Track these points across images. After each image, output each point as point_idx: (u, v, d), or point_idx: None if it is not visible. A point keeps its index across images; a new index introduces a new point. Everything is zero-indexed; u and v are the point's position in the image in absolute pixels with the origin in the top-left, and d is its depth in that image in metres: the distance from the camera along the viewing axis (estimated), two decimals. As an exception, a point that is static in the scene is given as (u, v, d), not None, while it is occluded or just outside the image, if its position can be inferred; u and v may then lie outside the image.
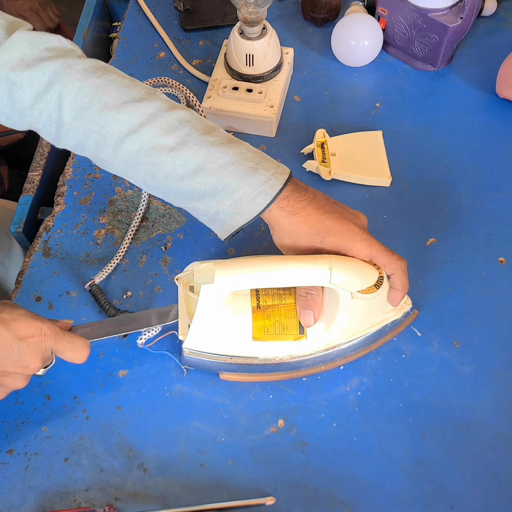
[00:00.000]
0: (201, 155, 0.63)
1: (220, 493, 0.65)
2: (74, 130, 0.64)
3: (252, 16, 0.85)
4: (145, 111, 0.63)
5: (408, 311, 0.72)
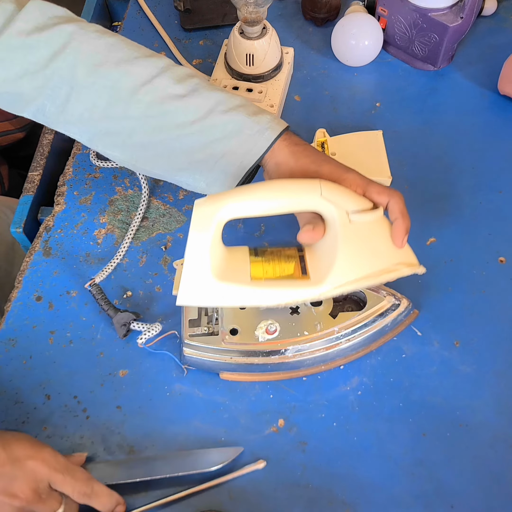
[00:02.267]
0: (212, 100, 0.67)
1: (220, 493, 0.65)
2: (88, 88, 0.66)
3: (252, 15, 0.85)
4: (156, 65, 0.67)
5: (409, 308, 0.72)
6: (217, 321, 0.70)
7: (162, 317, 0.76)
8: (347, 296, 0.73)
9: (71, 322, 0.76)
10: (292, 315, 0.70)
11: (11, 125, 1.07)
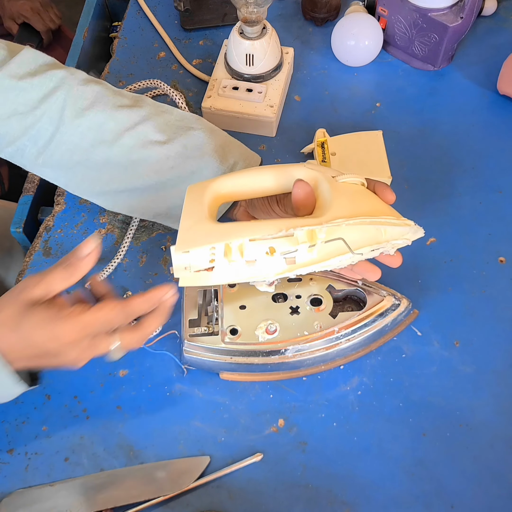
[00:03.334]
0: (188, 144, 0.71)
1: (220, 492, 0.65)
2: (73, 130, 0.70)
3: (252, 15, 0.85)
4: (139, 114, 0.71)
5: (409, 307, 0.72)
6: (217, 321, 0.70)
7: (162, 317, 0.76)
8: (347, 296, 0.73)
9: (71, 322, 0.76)
10: (292, 315, 0.70)
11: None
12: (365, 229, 0.63)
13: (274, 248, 0.62)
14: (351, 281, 0.72)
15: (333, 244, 0.63)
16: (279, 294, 0.71)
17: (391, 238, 0.64)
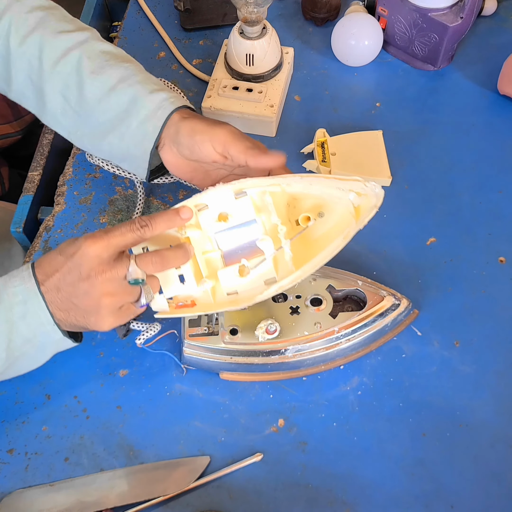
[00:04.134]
0: (115, 77, 0.71)
1: (220, 492, 0.65)
2: (20, 58, 0.73)
3: (252, 15, 0.85)
4: (76, 39, 0.73)
5: (409, 307, 0.72)
6: (217, 321, 0.70)
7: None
8: (347, 296, 0.73)
9: (71, 322, 0.76)
10: (292, 315, 0.70)
11: (11, 127, 1.08)
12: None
13: (244, 267, 0.66)
14: (351, 281, 0.72)
15: (304, 244, 0.65)
16: (279, 294, 0.71)
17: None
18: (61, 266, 0.60)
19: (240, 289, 0.67)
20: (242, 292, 0.67)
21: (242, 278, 0.66)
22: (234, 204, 0.66)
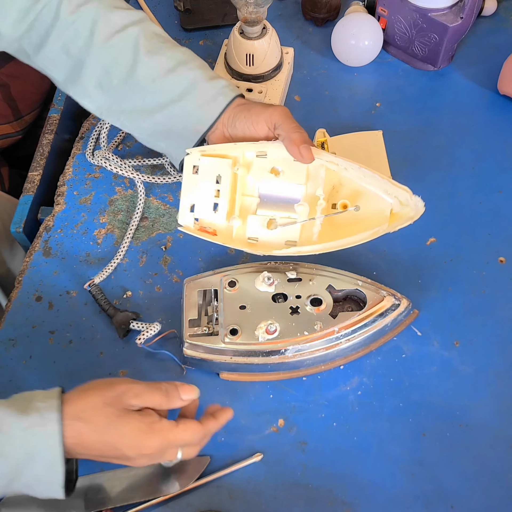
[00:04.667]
0: (174, 60, 0.72)
1: (220, 493, 0.65)
2: (68, 26, 0.71)
3: (252, 15, 0.85)
4: (133, 17, 0.73)
5: (409, 308, 0.72)
6: (217, 321, 0.70)
7: (162, 317, 0.76)
8: (347, 296, 0.73)
9: (71, 322, 0.76)
10: (292, 315, 0.70)
11: (11, 128, 1.08)
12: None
13: (274, 220, 0.71)
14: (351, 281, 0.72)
15: (334, 225, 0.70)
16: (279, 294, 0.71)
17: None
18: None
19: (261, 237, 0.72)
20: (262, 241, 0.72)
21: (267, 229, 0.71)
22: (290, 164, 0.70)
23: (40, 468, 0.55)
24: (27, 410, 0.54)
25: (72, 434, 0.55)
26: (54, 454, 0.54)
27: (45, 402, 0.55)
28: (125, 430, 0.56)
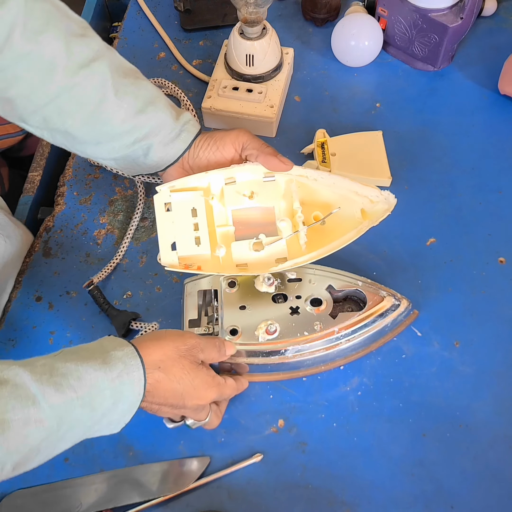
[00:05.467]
0: (143, 97, 0.68)
1: (220, 493, 0.65)
2: (22, 56, 0.60)
3: (252, 16, 0.85)
4: (97, 46, 0.66)
5: (409, 308, 0.72)
6: (217, 321, 0.70)
7: (162, 317, 0.76)
8: (347, 297, 0.73)
9: (71, 323, 0.76)
10: (292, 315, 0.70)
11: (11, 128, 1.07)
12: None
13: (259, 242, 0.70)
14: (351, 281, 0.72)
15: (319, 233, 0.71)
16: (279, 294, 0.71)
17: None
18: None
19: (250, 261, 0.71)
20: (252, 265, 0.71)
21: (254, 252, 0.71)
22: (260, 185, 0.72)
23: (117, 413, 0.57)
24: (108, 361, 0.56)
25: (151, 381, 0.58)
26: (135, 400, 0.57)
27: (122, 350, 0.57)
28: (196, 382, 0.61)
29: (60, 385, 0.52)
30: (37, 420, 0.50)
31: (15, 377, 0.51)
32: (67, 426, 0.53)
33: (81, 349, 0.57)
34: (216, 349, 0.64)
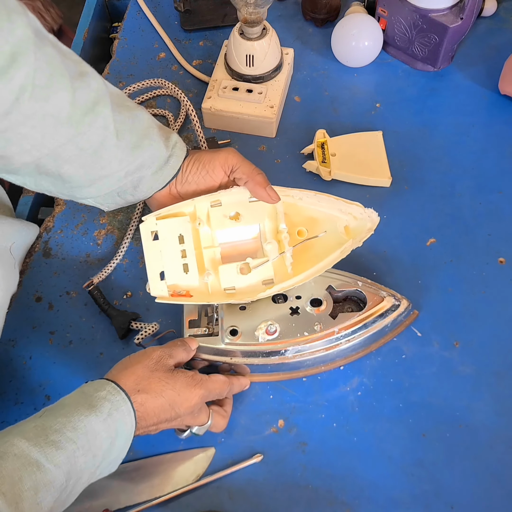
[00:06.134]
0: (137, 131, 0.66)
1: (220, 493, 0.65)
2: (30, 119, 0.55)
3: (252, 16, 0.85)
4: (97, 85, 0.60)
5: (409, 308, 0.72)
6: (217, 322, 0.70)
7: (162, 318, 0.76)
8: (347, 297, 0.73)
9: (71, 323, 0.76)
10: (292, 315, 0.70)
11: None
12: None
13: (246, 265, 0.71)
14: (351, 281, 0.72)
15: (304, 253, 0.72)
16: (279, 295, 0.71)
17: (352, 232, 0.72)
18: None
19: (238, 285, 0.71)
20: (240, 289, 0.71)
21: (242, 275, 0.71)
22: (246, 206, 0.72)
23: (115, 451, 0.57)
24: (94, 403, 0.56)
25: (136, 407, 0.59)
26: (129, 433, 0.58)
27: (104, 389, 0.58)
28: (178, 387, 0.61)
29: (59, 442, 0.52)
30: (46, 483, 0.51)
31: (12, 448, 0.51)
32: (74, 478, 0.53)
33: (65, 402, 0.57)
34: (181, 349, 0.65)
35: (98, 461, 0.55)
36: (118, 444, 0.57)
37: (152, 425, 0.61)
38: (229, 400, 0.69)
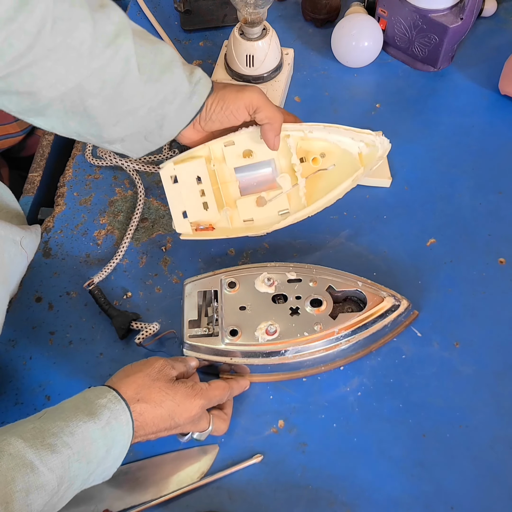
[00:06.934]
0: (159, 64, 0.67)
1: (220, 494, 0.65)
2: (53, 52, 0.57)
3: (252, 16, 0.85)
4: (112, 20, 0.61)
5: (409, 308, 0.72)
6: (217, 322, 0.70)
7: (162, 318, 0.76)
8: (347, 297, 0.73)
9: (71, 323, 0.76)
10: (292, 316, 0.70)
11: (11, 128, 1.08)
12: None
13: (262, 198, 0.77)
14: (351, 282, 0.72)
15: (317, 183, 0.77)
16: (279, 295, 0.71)
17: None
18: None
19: (255, 217, 0.78)
20: (257, 220, 0.78)
21: (258, 207, 0.77)
22: (257, 143, 0.76)
23: (110, 459, 0.57)
24: (94, 411, 0.56)
25: (135, 416, 0.59)
26: (126, 443, 0.58)
27: (105, 397, 0.58)
28: (178, 398, 0.61)
29: (55, 446, 0.52)
30: (38, 486, 0.50)
31: (8, 447, 0.50)
32: (66, 484, 0.53)
33: (65, 405, 0.57)
34: (182, 364, 0.66)
35: (92, 468, 0.55)
36: (113, 453, 0.57)
37: (150, 434, 0.61)
38: (229, 402, 0.69)
